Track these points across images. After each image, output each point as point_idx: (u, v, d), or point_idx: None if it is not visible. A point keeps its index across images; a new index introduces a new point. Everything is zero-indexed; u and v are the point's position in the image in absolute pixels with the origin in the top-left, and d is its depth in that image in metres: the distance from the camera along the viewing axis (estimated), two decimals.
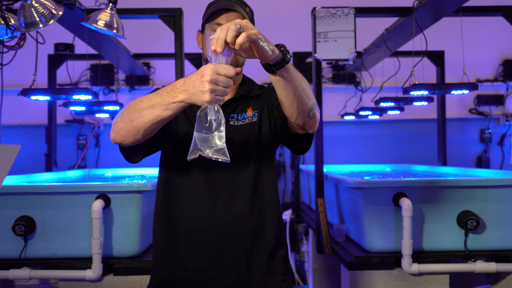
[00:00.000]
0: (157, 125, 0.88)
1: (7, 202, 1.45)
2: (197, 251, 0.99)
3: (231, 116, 1.04)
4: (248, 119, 1.04)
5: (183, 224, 1.00)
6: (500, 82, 3.39)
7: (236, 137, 1.02)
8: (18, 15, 1.45)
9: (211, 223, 0.98)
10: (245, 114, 1.04)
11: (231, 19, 0.98)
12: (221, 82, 0.77)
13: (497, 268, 1.49)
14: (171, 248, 1.01)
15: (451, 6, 1.88)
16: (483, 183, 1.54)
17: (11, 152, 0.70)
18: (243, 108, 1.05)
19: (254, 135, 1.03)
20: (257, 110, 1.05)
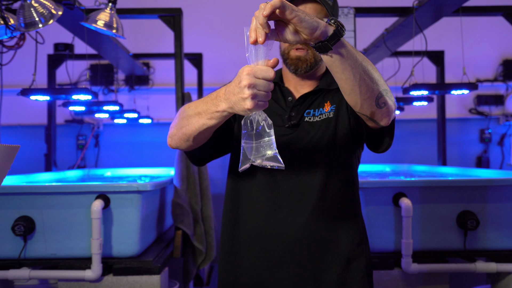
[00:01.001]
0: (206, 132, 0.83)
1: (7, 202, 1.45)
2: (260, 258, 0.92)
3: (306, 112, 0.96)
4: (325, 115, 0.95)
5: (246, 228, 0.94)
6: (500, 82, 3.39)
7: (310, 135, 0.94)
8: (17, 15, 1.45)
9: (275, 228, 0.92)
10: (323, 109, 0.96)
11: (308, 9, 0.90)
12: (261, 86, 0.68)
13: (497, 268, 1.48)
14: (235, 255, 0.95)
15: (451, 6, 1.88)
16: (483, 183, 1.54)
17: (11, 152, 0.70)
18: (320, 102, 0.97)
19: (330, 132, 0.93)
20: (336, 104, 0.96)
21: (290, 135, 0.95)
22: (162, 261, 1.55)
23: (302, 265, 0.92)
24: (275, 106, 0.99)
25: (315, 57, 0.95)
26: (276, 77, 1.01)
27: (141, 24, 2.98)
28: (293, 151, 0.94)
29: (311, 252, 0.92)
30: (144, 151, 3.32)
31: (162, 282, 1.51)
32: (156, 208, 1.76)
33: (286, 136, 0.95)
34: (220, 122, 0.80)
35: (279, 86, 1.01)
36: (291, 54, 0.95)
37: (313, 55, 0.94)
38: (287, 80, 1.02)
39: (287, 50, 0.96)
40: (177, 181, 1.88)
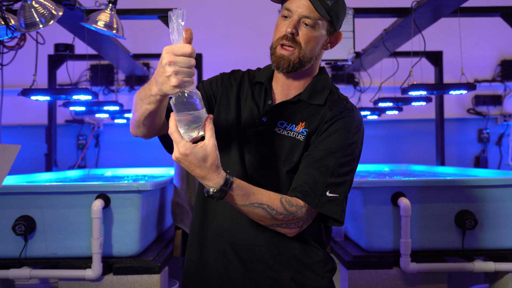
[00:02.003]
0: (151, 117, 0.84)
1: (7, 202, 1.45)
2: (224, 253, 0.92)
3: (280, 123, 0.93)
4: (294, 133, 0.92)
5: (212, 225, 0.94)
6: (498, 83, 3.40)
7: (274, 146, 0.91)
8: (18, 15, 1.46)
9: (231, 227, 0.91)
10: (295, 126, 0.92)
11: (301, 6, 0.87)
12: (182, 63, 0.70)
13: (495, 267, 1.49)
14: (201, 251, 0.96)
15: (449, 7, 1.89)
16: (481, 183, 1.54)
17: (11, 152, 0.70)
18: (295, 117, 0.92)
19: (291, 153, 0.90)
20: (308, 129, 0.91)
21: (256, 140, 0.93)
22: (162, 261, 1.55)
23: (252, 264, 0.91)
24: (252, 105, 0.96)
25: (301, 58, 0.89)
26: (263, 76, 0.98)
27: (141, 24, 2.99)
28: (256, 157, 0.92)
29: (261, 253, 0.91)
30: (144, 151, 3.33)
31: (162, 281, 1.51)
32: (156, 207, 1.77)
33: (250, 138, 0.93)
34: (158, 106, 0.80)
35: (264, 87, 0.97)
36: (276, 51, 0.91)
37: (298, 56, 0.89)
38: (276, 78, 0.97)
39: (274, 45, 0.91)
40: (177, 181, 1.89)
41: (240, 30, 3.30)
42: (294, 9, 0.88)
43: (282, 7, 0.91)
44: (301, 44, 0.89)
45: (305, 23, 0.88)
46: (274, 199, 0.84)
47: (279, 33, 0.90)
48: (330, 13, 0.88)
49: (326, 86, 0.96)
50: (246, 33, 3.21)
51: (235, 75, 1.01)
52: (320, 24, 0.89)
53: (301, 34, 0.89)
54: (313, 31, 0.89)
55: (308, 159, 0.89)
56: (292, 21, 0.88)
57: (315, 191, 0.86)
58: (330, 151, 0.88)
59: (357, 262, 1.53)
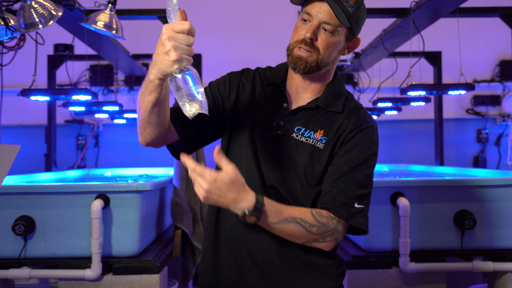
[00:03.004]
0: (155, 111, 0.82)
1: (7, 202, 1.45)
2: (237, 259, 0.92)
3: (297, 128, 0.91)
4: (313, 140, 0.90)
5: (225, 230, 0.94)
6: (496, 83, 3.42)
7: (292, 154, 0.90)
8: (17, 16, 1.46)
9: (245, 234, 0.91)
10: (314, 133, 0.91)
11: (322, 12, 0.86)
12: (181, 40, 0.70)
13: (493, 267, 1.49)
14: (215, 255, 0.96)
15: (448, 7, 1.89)
16: (480, 183, 1.54)
17: (11, 152, 0.71)
18: (313, 124, 0.91)
19: (311, 161, 0.89)
20: (328, 138, 0.90)
21: (272, 143, 0.92)
22: (162, 261, 1.55)
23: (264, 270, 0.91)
24: (267, 107, 0.94)
25: (318, 63, 0.89)
26: (278, 77, 0.96)
27: (140, 25, 3.00)
28: (272, 161, 0.91)
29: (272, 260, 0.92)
30: (143, 151, 3.33)
31: (162, 281, 1.51)
32: (156, 207, 1.77)
33: (265, 142, 0.92)
34: (160, 94, 0.79)
35: (278, 88, 0.96)
36: (294, 51, 0.90)
37: (316, 59, 0.88)
38: (291, 79, 0.96)
39: (292, 47, 0.91)
40: (177, 181, 1.89)
41: (240, 31, 3.31)
42: (315, 14, 0.88)
43: (302, 10, 0.91)
44: (319, 49, 0.89)
45: (324, 29, 0.88)
46: (304, 212, 0.85)
47: (298, 36, 0.90)
48: (351, 20, 0.88)
49: (342, 93, 0.96)
50: (246, 34, 3.22)
51: (245, 75, 0.99)
52: (340, 31, 0.89)
53: (320, 40, 0.88)
54: (332, 37, 0.88)
55: (335, 172, 0.89)
56: (312, 26, 0.88)
57: (345, 204, 0.88)
58: (356, 163, 0.90)
59: (356, 262, 1.53)
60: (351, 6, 0.87)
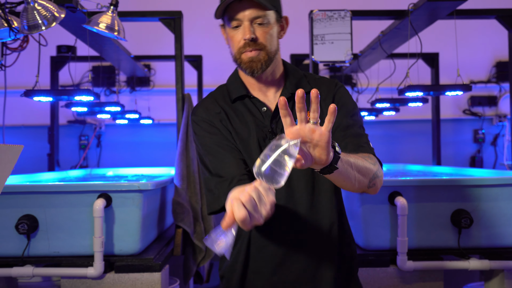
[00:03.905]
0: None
1: (10, 201, 1.47)
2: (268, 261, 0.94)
3: None
4: None
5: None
6: (493, 84, 3.43)
7: None
8: (21, 17, 1.47)
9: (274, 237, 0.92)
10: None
11: (247, 10, 0.87)
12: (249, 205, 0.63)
13: (490, 265, 1.50)
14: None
15: (445, 9, 1.91)
16: (476, 182, 1.55)
17: (14, 152, 0.71)
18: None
19: None
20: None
21: None
22: (163, 259, 1.57)
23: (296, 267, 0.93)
24: (252, 118, 0.94)
25: (269, 55, 0.91)
26: (240, 88, 0.96)
27: (142, 26, 3.02)
28: None
29: (306, 254, 0.94)
30: (145, 151, 3.35)
31: (163, 280, 1.53)
32: (157, 207, 1.78)
33: None
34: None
35: (248, 97, 0.96)
36: (243, 57, 0.91)
37: (266, 53, 0.90)
38: (251, 87, 0.97)
39: (238, 55, 0.92)
40: (178, 181, 1.91)
41: None
42: (241, 15, 0.89)
43: (227, 19, 0.91)
44: (263, 43, 0.90)
45: (258, 23, 0.89)
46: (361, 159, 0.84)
47: (237, 43, 0.91)
48: (272, 3, 0.90)
49: (300, 74, 0.99)
50: None
51: (209, 110, 0.96)
52: (269, 18, 0.91)
53: (259, 35, 0.90)
54: (267, 27, 0.90)
55: (341, 128, 0.93)
56: (246, 26, 0.89)
57: (367, 143, 0.94)
58: (351, 113, 0.96)
59: None
60: None
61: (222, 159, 0.91)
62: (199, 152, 0.96)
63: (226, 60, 4.21)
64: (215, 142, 0.94)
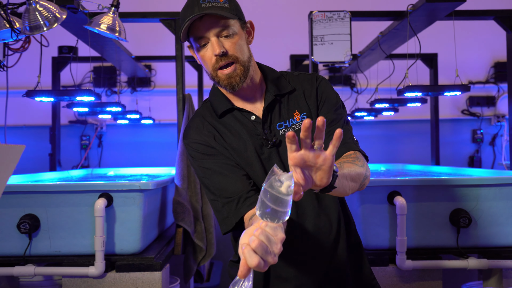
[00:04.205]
0: None
1: (12, 201, 1.47)
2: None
3: (278, 125, 0.93)
4: (298, 124, 0.93)
5: None
6: (491, 84, 3.44)
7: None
8: (22, 18, 1.48)
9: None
10: (293, 119, 0.94)
11: (208, 26, 0.87)
12: (259, 250, 0.59)
13: (488, 264, 1.51)
14: None
15: (444, 10, 1.92)
16: (475, 182, 1.56)
17: (16, 152, 0.71)
18: (287, 112, 0.94)
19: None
20: (305, 111, 0.94)
21: (276, 155, 0.93)
22: (164, 258, 1.58)
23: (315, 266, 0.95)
24: (244, 128, 0.94)
25: (244, 65, 0.90)
26: (224, 102, 0.95)
27: (143, 27, 3.03)
28: (286, 167, 0.91)
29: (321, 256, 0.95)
30: (146, 151, 3.36)
31: (164, 279, 1.53)
32: (158, 206, 1.79)
33: (270, 156, 0.93)
34: None
35: (235, 109, 0.96)
36: (219, 75, 0.90)
37: (241, 65, 0.89)
38: (234, 98, 0.96)
39: (214, 73, 0.91)
40: (178, 180, 1.92)
41: None
42: (205, 32, 0.88)
43: (193, 40, 0.90)
44: (235, 55, 0.89)
45: (224, 36, 0.89)
46: (349, 163, 0.84)
47: (210, 61, 0.89)
48: (232, 11, 0.89)
49: (278, 75, 0.99)
50: None
51: (201, 131, 0.95)
52: (234, 28, 0.90)
53: (228, 47, 0.88)
54: (233, 37, 0.89)
55: (326, 126, 0.91)
56: (214, 42, 0.88)
57: (351, 139, 0.93)
58: (334, 108, 0.95)
59: None
60: (224, 2, 0.88)
61: (225, 179, 0.90)
62: (199, 176, 0.94)
63: None
64: (214, 163, 0.92)
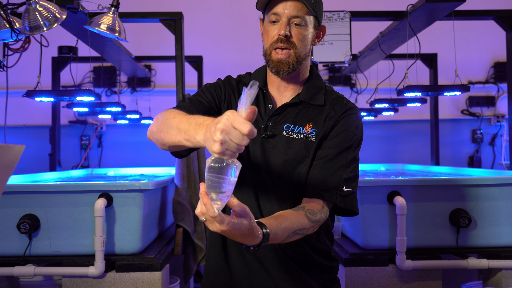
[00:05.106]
0: (180, 147, 0.82)
1: (12, 201, 1.48)
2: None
3: (286, 126, 0.94)
4: (304, 135, 0.93)
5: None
6: (491, 84, 3.45)
7: (286, 149, 0.92)
8: (22, 18, 1.48)
9: None
10: (303, 128, 0.94)
11: (288, 8, 0.89)
12: (233, 137, 0.64)
13: (488, 264, 1.51)
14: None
15: (443, 10, 1.92)
16: (474, 182, 1.56)
17: (16, 152, 0.70)
18: (301, 120, 0.94)
19: (307, 154, 0.92)
20: (317, 129, 0.94)
21: (263, 144, 0.94)
22: (164, 258, 1.58)
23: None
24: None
25: (298, 58, 0.92)
26: (260, 81, 0.97)
27: (143, 27, 3.04)
28: (267, 160, 0.93)
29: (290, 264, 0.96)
30: (145, 151, 3.37)
31: (163, 278, 1.54)
32: (158, 206, 1.80)
33: (258, 145, 0.94)
34: (195, 146, 0.77)
35: (262, 91, 0.98)
36: (272, 56, 0.92)
37: (295, 56, 0.91)
38: (270, 81, 0.98)
39: (269, 51, 0.92)
40: (178, 180, 1.92)
41: (240, 33, 3.34)
42: (282, 11, 0.90)
43: (268, 13, 0.92)
44: (295, 44, 0.91)
45: (295, 23, 0.90)
46: (300, 220, 0.85)
47: (271, 38, 0.92)
48: (315, 8, 0.91)
49: (321, 86, 0.99)
50: (246, 36, 3.26)
51: (231, 83, 1.00)
52: (308, 22, 0.92)
53: (293, 34, 0.90)
54: (303, 29, 0.91)
55: (322, 156, 0.92)
56: (283, 23, 0.90)
57: (335, 189, 0.91)
58: (341, 148, 0.92)
59: (354, 260, 1.55)
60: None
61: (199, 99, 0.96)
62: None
63: (226, 60, 4.28)
64: (201, 95, 0.97)
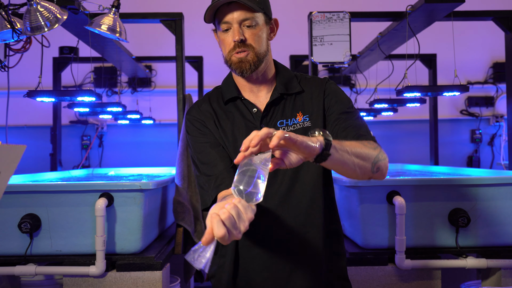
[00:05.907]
0: None
1: (13, 201, 1.48)
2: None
3: (279, 122, 0.97)
4: (299, 124, 0.96)
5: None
6: (490, 84, 3.46)
7: None
8: (23, 19, 1.49)
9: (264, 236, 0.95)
10: (295, 119, 0.96)
11: (235, 13, 0.91)
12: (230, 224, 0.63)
13: (487, 264, 1.52)
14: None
15: (442, 11, 1.93)
16: (473, 182, 1.56)
17: (17, 152, 0.71)
18: (290, 111, 0.97)
19: None
20: (308, 113, 0.97)
21: None
22: (164, 258, 1.58)
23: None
24: (242, 119, 0.98)
25: (258, 56, 0.94)
26: (232, 90, 0.99)
27: (143, 28, 3.04)
28: None
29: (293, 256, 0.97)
30: (146, 151, 3.38)
31: (164, 278, 1.54)
32: (158, 206, 1.80)
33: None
34: None
35: (240, 99, 1.00)
36: (232, 59, 0.94)
37: (255, 54, 0.93)
38: (242, 86, 1.00)
39: (228, 57, 0.95)
40: (178, 180, 1.93)
41: None
42: (230, 18, 0.92)
43: (219, 23, 0.94)
44: (253, 45, 0.93)
45: (246, 26, 0.93)
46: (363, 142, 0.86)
47: (228, 45, 0.94)
48: (260, 5, 0.93)
49: (291, 75, 1.02)
50: None
51: (202, 111, 1.00)
52: (258, 20, 0.93)
53: (248, 37, 0.93)
54: (256, 29, 0.93)
55: (338, 117, 0.95)
56: (235, 29, 0.92)
57: (368, 133, 0.96)
58: (347, 106, 0.98)
59: (353, 259, 1.55)
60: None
61: (209, 157, 0.96)
62: (192, 152, 1.00)
63: None
64: (205, 140, 0.98)
